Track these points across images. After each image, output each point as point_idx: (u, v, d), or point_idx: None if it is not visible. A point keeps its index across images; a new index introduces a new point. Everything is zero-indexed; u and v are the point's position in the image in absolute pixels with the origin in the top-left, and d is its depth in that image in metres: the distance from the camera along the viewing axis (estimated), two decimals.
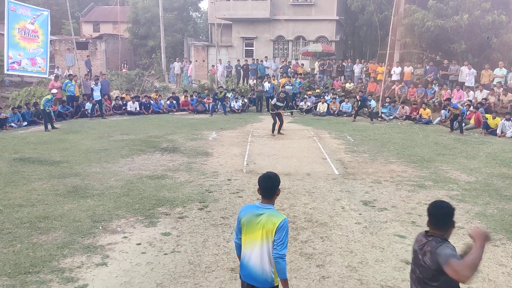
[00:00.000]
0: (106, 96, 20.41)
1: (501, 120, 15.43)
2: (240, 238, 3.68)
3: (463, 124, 16.33)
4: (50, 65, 21.67)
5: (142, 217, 7.22)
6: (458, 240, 6.16)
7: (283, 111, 15.74)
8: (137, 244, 6.20)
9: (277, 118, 15.18)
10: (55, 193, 8.32)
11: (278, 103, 15.28)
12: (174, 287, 5.09)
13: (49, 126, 15.54)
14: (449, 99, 16.89)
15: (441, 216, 3.19)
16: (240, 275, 3.73)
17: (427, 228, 3.28)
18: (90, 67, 30.01)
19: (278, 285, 3.63)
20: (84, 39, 38.14)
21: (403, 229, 6.87)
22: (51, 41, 24.69)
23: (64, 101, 18.77)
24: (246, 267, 3.60)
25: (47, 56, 19.00)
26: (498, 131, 15.27)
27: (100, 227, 6.75)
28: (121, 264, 5.60)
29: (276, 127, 15.26)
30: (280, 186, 3.67)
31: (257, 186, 3.67)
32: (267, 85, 21.27)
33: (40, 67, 18.50)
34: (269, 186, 3.59)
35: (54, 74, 20.57)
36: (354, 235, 6.63)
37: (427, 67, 21.40)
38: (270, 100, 16.64)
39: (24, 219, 6.98)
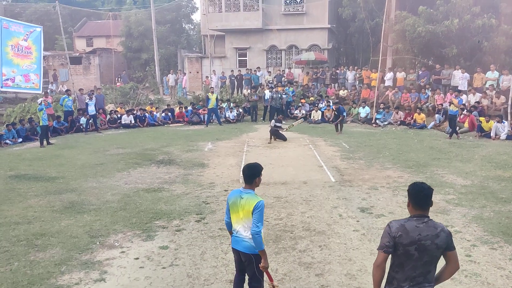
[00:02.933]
0: (101, 110, 20.42)
1: (495, 122, 15.53)
2: (230, 217, 4.37)
3: (458, 128, 16.40)
4: (44, 80, 21.58)
5: (140, 231, 7.20)
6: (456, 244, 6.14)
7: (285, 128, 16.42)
8: (135, 258, 6.17)
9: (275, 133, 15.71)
10: (51, 210, 8.28)
11: (277, 124, 15.84)
12: None
13: (45, 142, 15.51)
14: (458, 91, 17.00)
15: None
16: (231, 245, 4.47)
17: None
18: (127, 82, 30.49)
19: None
20: (78, 54, 38.19)
21: None
22: (44, 56, 24.66)
23: (58, 116, 18.81)
24: (235, 237, 4.34)
25: (41, 72, 19.01)
26: (492, 134, 15.37)
27: (98, 243, 6.72)
28: (119, 279, 5.57)
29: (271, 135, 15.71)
30: (276, 195, 4.00)
31: None
32: (268, 93, 21.32)
33: (33, 83, 18.47)
34: (249, 174, 4.26)
35: (44, 92, 20.18)
36: (353, 242, 6.63)
37: (420, 72, 21.57)
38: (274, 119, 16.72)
39: (21, 236, 6.94)
